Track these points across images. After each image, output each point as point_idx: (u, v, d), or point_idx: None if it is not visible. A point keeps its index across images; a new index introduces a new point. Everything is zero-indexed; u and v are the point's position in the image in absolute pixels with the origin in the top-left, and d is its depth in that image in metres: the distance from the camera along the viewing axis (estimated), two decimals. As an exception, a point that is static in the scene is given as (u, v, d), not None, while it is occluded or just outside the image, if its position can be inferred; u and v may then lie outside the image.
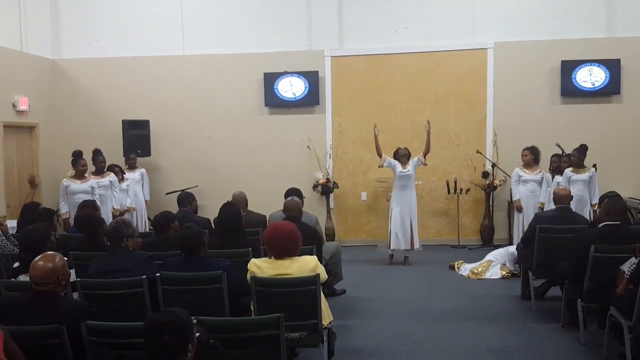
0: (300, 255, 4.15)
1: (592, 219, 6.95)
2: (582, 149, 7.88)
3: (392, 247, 8.28)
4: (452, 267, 7.90)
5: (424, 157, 8.27)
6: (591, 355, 4.79)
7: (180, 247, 4.32)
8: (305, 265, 4.07)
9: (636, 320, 4.11)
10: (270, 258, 4.12)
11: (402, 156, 8.25)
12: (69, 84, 10.17)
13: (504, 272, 7.40)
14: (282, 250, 4.08)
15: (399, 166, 8.24)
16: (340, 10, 9.82)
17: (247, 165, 9.84)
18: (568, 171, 7.91)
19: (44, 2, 10.17)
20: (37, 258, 3.35)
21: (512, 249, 7.65)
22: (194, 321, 2.60)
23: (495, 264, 7.55)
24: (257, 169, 9.79)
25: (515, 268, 7.39)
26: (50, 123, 9.90)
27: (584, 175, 7.85)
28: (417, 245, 8.30)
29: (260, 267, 4.09)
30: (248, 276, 4.09)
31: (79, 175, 7.91)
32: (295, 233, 4.16)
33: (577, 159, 7.88)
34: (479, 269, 7.51)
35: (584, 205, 7.69)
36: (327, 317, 4.17)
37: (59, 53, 10.34)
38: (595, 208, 7.90)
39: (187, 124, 9.97)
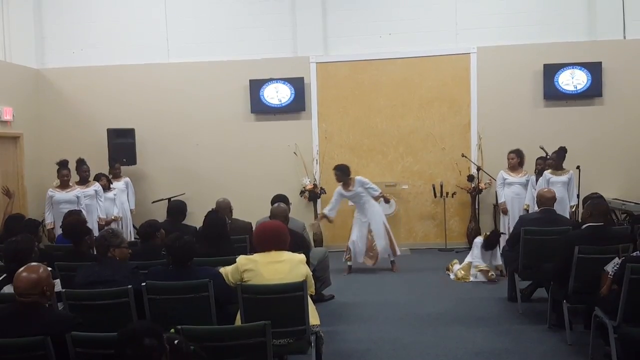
0: None
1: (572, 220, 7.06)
2: (561, 152, 8.01)
3: (351, 261, 8.02)
4: (448, 269, 7.88)
5: (379, 198, 7.91)
6: (577, 356, 4.83)
7: (172, 257, 4.29)
8: (295, 256, 4.20)
9: (620, 320, 4.15)
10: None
11: (337, 179, 7.82)
12: (53, 93, 10.12)
13: (490, 274, 7.41)
14: (271, 243, 4.17)
15: (342, 191, 7.84)
16: (324, 17, 9.86)
17: (234, 172, 9.84)
18: (547, 173, 8.04)
19: (28, 11, 10.13)
20: (21, 269, 3.33)
21: (478, 240, 7.60)
22: (172, 330, 2.62)
23: (476, 263, 7.54)
24: (244, 176, 9.79)
25: (484, 260, 7.38)
26: (35, 133, 9.84)
27: (563, 177, 7.98)
28: (385, 254, 8.01)
29: (254, 258, 4.17)
30: (234, 269, 4.12)
31: (63, 185, 7.86)
32: (282, 229, 4.34)
33: (556, 161, 8.01)
34: (462, 273, 7.51)
35: (564, 206, 7.78)
36: (314, 319, 4.19)
37: (43, 62, 10.29)
38: (574, 210, 8.02)
39: (173, 131, 9.95)
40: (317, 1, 9.80)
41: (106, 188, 8.48)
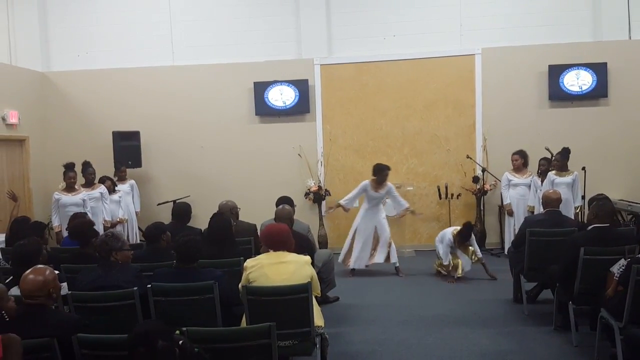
0: None
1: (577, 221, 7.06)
2: (565, 153, 7.99)
3: (351, 266, 7.89)
4: (439, 272, 7.86)
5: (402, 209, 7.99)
6: (583, 357, 4.82)
7: (178, 255, 4.30)
8: (301, 257, 4.24)
9: (626, 322, 4.14)
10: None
11: (380, 175, 7.72)
12: (58, 97, 10.17)
13: (473, 259, 7.52)
14: (279, 243, 4.27)
15: (369, 189, 7.79)
16: (328, 19, 9.88)
17: (239, 175, 9.85)
18: (551, 174, 8.02)
19: (33, 14, 10.18)
20: (27, 271, 3.35)
21: (448, 232, 7.63)
22: (177, 332, 2.65)
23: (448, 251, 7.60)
24: (249, 178, 9.80)
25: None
26: (41, 136, 9.89)
27: (567, 178, 7.97)
28: (382, 260, 7.89)
29: (259, 259, 4.22)
30: (244, 275, 4.16)
31: (69, 187, 7.89)
32: (286, 232, 4.41)
33: (560, 162, 7.99)
34: (456, 263, 7.56)
35: (568, 207, 7.76)
36: (318, 321, 4.20)
37: (49, 65, 10.34)
38: (578, 211, 8.00)
39: (178, 134, 9.98)
40: (321, 3, 9.82)
41: (111, 190, 8.51)
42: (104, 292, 4.02)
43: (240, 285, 4.18)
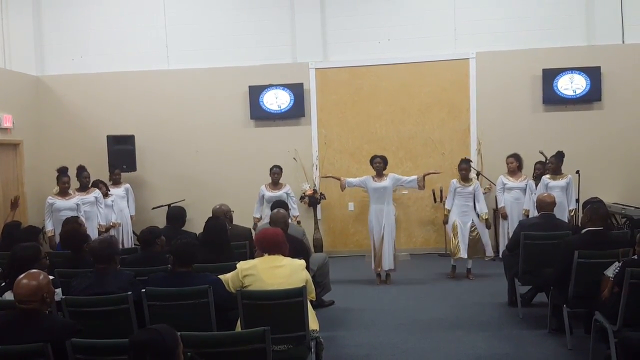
0: None
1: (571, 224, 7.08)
2: (560, 156, 8.02)
3: (376, 268, 7.79)
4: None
5: (418, 184, 7.71)
6: (578, 360, 4.84)
7: (175, 257, 4.27)
8: (296, 261, 4.25)
9: (621, 325, 4.15)
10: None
11: (377, 167, 7.68)
12: (53, 101, 10.14)
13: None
14: (274, 246, 4.26)
15: (370, 181, 7.74)
16: (323, 23, 9.90)
17: (234, 178, 9.84)
18: (546, 178, 8.05)
19: (28, 18, 10.15)
20: (21, 276, 3.33)
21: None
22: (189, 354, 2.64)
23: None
24: (244, 182, 9.76)
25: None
26: (35, 140, 9.85)
27: (561, 182, 8.00)
28: (392, 266, 7.71)
29: (253, 263, 4.21)
30: (234, 276, 4.16)
31: (63, 192, 7.86)
32: (280, 236, 4.39)
33: (554, 165, 8.03)
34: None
35: (562, 211, 7.77)
36: (313, 325, 4.20)
37: (43, 69, 10.31)
38: (572, 214, 8.02)
39: (173, 138, 9.97)
40: (316, 7, 9.84)
41: (104, 195, 8.47)
42: (98, 297, 4.00)
43: (225, 282, 4.19)
